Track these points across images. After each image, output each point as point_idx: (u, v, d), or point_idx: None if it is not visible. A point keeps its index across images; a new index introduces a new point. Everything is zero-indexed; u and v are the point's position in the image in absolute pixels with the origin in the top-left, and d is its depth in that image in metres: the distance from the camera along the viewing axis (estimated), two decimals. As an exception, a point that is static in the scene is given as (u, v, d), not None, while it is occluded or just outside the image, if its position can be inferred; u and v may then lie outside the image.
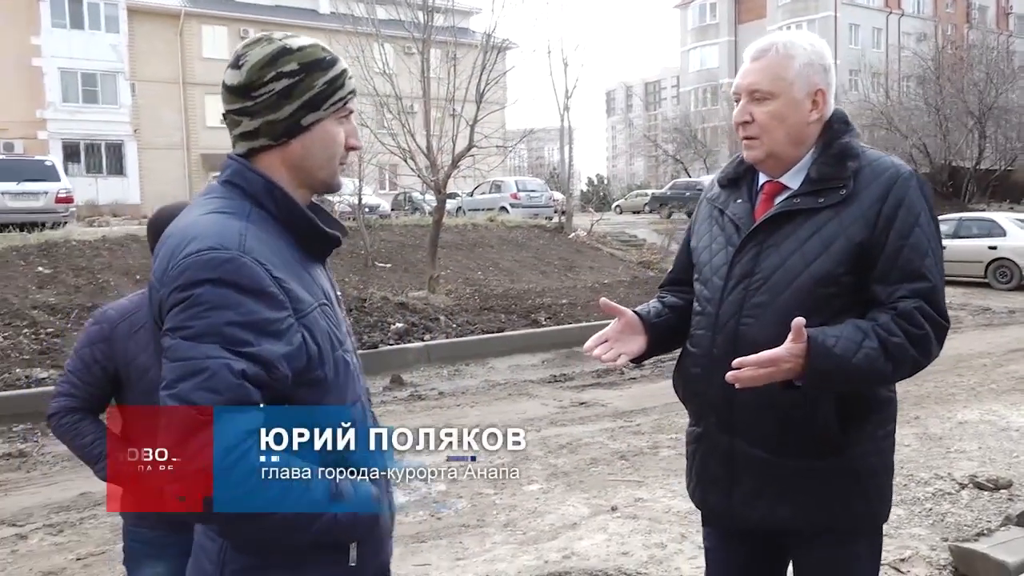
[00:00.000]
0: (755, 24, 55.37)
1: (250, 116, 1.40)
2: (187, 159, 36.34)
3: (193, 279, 1.25)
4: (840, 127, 1.85)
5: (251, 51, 1.41)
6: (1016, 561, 3.55)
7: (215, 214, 1.35)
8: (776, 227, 1.81)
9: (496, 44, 14.55)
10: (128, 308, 2.29)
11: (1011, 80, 33.34)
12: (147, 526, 2.27)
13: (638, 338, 1.94)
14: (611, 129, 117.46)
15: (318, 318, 1.37)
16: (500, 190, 25.17)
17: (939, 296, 1.73)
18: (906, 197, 1.75)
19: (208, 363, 1.22)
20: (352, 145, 1.49)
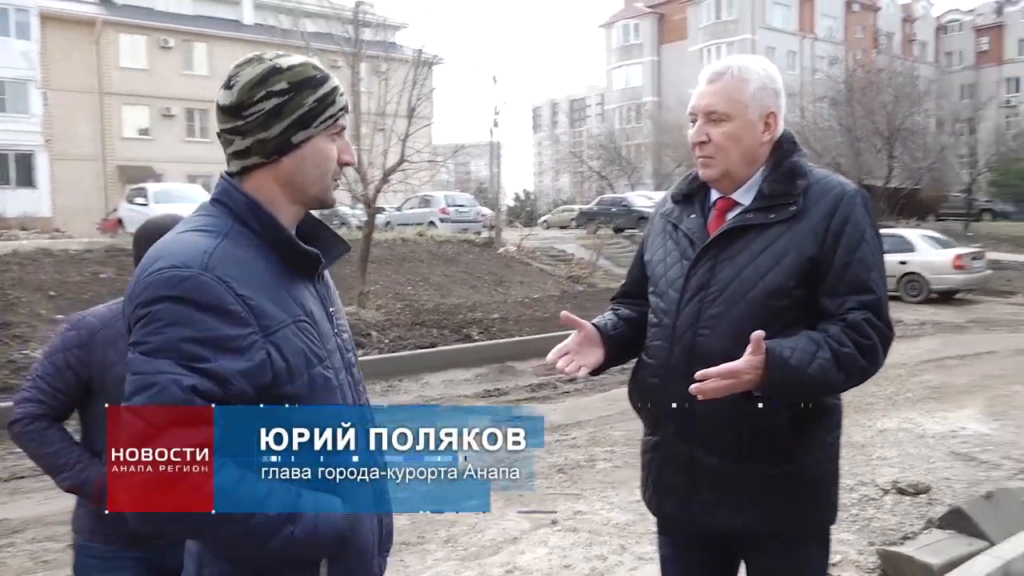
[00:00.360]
0: (677, 45, 56.91)
1: (242, 135, 1.43)
2: (103, 170, 35.08)
3: (153, 296, 1.29)
4: (789, 147, 1.93)
5: (242, 71, 1.44)
6: (940, 562, 3.71)
7: (191, 232, 1.38)
8: (730, 241, 1.88)
9: (427, 60, 14.59)
10: (108, 316, 2.24)
11: (917, 103, 35.05)
12: (100, 541, 2.22)
13: (596, 350, 1.99)
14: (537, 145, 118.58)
15: (290, 335, 1.37)
16: (429, 205, 25.10)
17: (884, 307, 1.82)
18: (852, 214, 1.83)
19: (159, 378, 1.25)
20: (345, 161, 1.50)
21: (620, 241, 23.64)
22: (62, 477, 2.18)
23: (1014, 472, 5.52)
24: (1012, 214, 43.44)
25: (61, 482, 2.20)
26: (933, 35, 66.21)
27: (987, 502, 4.22)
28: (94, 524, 2.22)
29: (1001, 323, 13.31)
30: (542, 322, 12.13)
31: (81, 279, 12.03)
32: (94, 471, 2.16)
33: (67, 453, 2.18)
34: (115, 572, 2.22)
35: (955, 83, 47.52)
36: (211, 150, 33.40)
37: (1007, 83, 59.94)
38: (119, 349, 2.15)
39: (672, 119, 47.74)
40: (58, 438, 2.19)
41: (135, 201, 20.66)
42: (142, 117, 36.22)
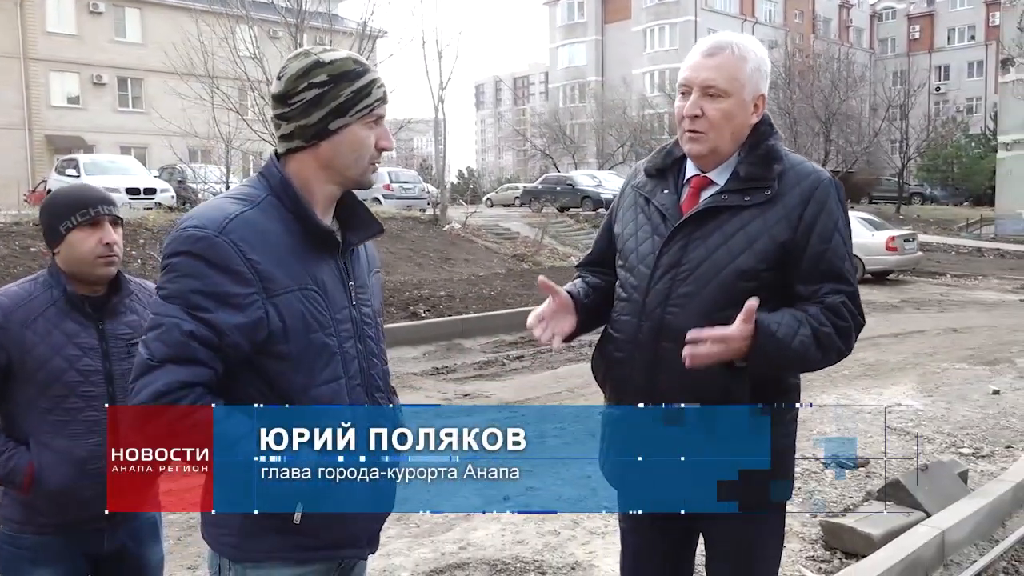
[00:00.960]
0: (621, 24, 57.08)
1: (287, 121, 1.60)
2: (28, 140, 33.61)
3: (174, 249, 1.50)
4: (766, 129, 1.94)
5: (290, 64, 1.62)
6: (880, 532, 3.86)
7: (225, 198, 1.59)
8: (704, 221, 1.88)
9: (371, 33, 14.34)
10: (21, 295, 2.11)
11: (853, 88, 35.93)
12: (31, 531, 2.11)
13: (569, 317, 1.99)
14: (480, 123, 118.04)
15: (293, 300, 1.53)
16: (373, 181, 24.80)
17: (857, 297, 1.87)
18: (827, 203, 1.85)
19: (166, 320, 1.47)
20: (383, 146, 1.65)
21: (565, 220, 23.75)
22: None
23: (946, 446, 5.76)
24: (940, 198, 45.04)
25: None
26: (868, 22, 67.84)
27: (922, 474, 4.38)
28: (23, 514, 2.12)
29: (931, 303, 13.82)
30: (489, 300, 12.14)
31: (10, 253, 11.57)
32: (22, 459, 2.06)
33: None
34: (48, 563, 2.12)
35: (888, 69, 48.77)
36: (145, 120, 32.45)
37: (937, 70, 61.83)
38: (38, 330, 2.06)
39: (616, 99, 48.08)
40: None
41: (66, 172, 19.88)
42: (71, 84, 34.78)
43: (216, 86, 14.47)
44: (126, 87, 35.80)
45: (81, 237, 2.11)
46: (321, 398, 1.55)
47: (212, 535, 1.62)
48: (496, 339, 10.30)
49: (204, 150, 21.89)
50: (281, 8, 13.45)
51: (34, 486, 2.06)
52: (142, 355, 1.46)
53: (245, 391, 1.52)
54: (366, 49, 13.82)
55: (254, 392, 1.53)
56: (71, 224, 2.10)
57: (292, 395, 1.53)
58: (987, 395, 7.24)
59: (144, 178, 19.45)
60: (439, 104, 19.53)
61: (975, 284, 17.20)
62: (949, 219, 34.22)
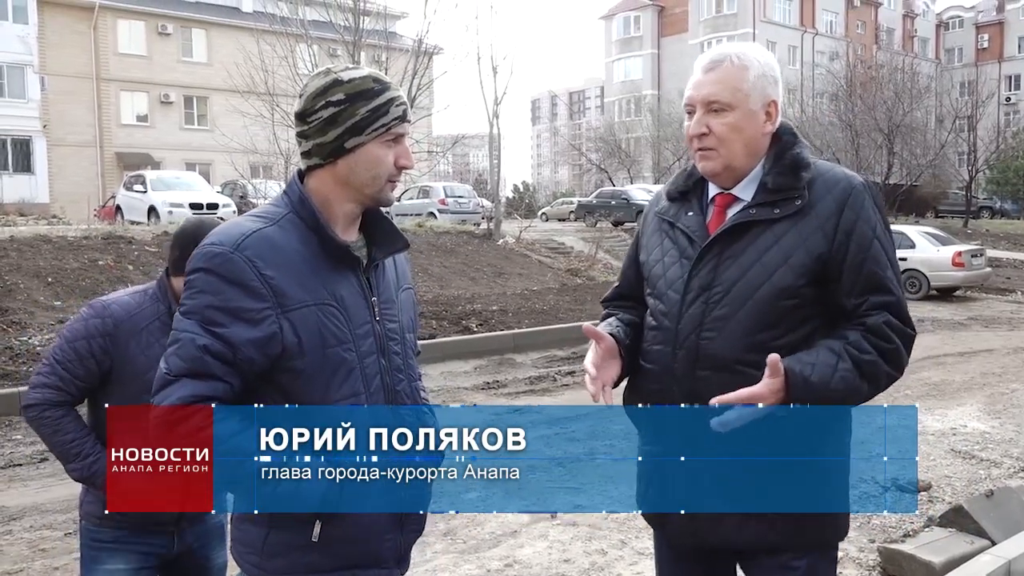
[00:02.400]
0: (677, 38, 56.76)
1: (306, 139, 1.63)
2: (100, 157, 34.92)
3: (193, 267, 1.54)
4: (789, 138, 1.85)
5: (311, 83, 1.64)
6: (941, 560, 3.71)
7: (246, 217, 1.63)
8: (734, 239, 1.79)
9: (427, 50, 14.53)
10: (132, 305, 2.23)
11: (917, 99, 35.06)
12: (109, 526, 2.23)
13: (615, 363, 1.89)
14: (536, 137, 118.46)
15: (309, 315, 1.54)
16: (428, 196, 25.02)
17: (903, 307, 1.75)
18: (862, 209, 1.75)
19: (183, 335, 1.50)
20: (403, 165, 1.65)
21: (619, 234, 23.61)
22: (73, 467, 2.19)
23: (1014, 470, 5.53)
24: (1011, 212, 43.51)
25: (72, 471, 2.20)
26: (934, 31, 66.13)
27: (988, 500, 4.22)
28: (103, 510, 2.22)
29: (1000, 320, 13.33)
30: (541, 314, 12.11)
31: (79, 266, 11.97)
32: (104, 464, 2.17)
33: (81, 443, 2.19)
34: (122, 558, 2.24)
35: (955, 80, 47.45)
36: (209, 138, 33.34)
37: (1007, 80, 59.93)
38: (140, 341, 2.18)
39: (672, 112, 47.73)
40: (74, 427, 2.20)
41: (133, 188, 20.54)
42: (140, 103, 36.05)
43: (276, 103, 14.83)
44: (192, 105, 36.95)
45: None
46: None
47: (238, 553, 1.63)
48: (548, 354, 10.26)
49: (265, 166, 22.40)
50: (340, 27, 13.71)
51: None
52: (161, 369, 1.50)
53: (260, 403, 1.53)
54: (422, 66, 13.99)
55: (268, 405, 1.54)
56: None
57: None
58: (1059, 418, 6.94)
59: (207, 193, 19.98)
60: (494, 119, 19.64)
61: (1048, 301, 16.54)
62: (1020, 234, 32.95)
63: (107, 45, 34.86)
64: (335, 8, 14.05)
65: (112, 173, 34.44)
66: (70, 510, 4.87)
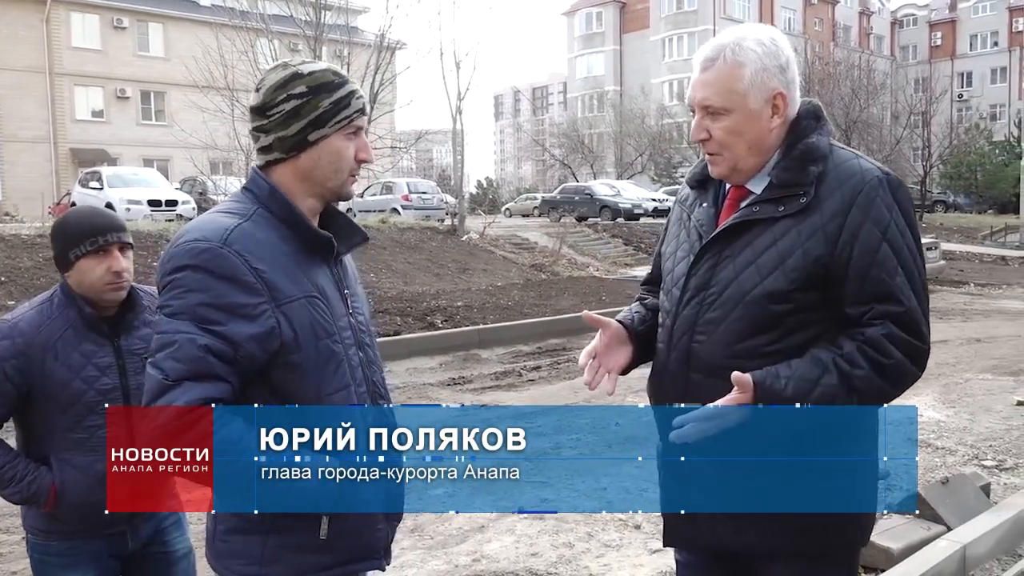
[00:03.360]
0: (639, 34, 57.15)
1: (265, 133, 1.60)
2: (54, 153, 34.13)
3: (177, 265, 1.48)
4: (808, 124, 1.72)
5: (268, 76, 1.62)
6: (900, 546, 3.80)
7: (218, 213, 1.57)
8: (735, 237, 1.70)
9: (389, 45, 14.44)
10: (39, 319, 2.14)
11: (873, 96, 35.70)
12: (56, 539, 2.16)
13: (624, 349, 1.84)
14: (499, 133, 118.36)
15: (300, 309, 1.52)
16: (391, 192, 24.87)
17: (914, 317, 1.61)
18: (872, 207, 1.61)
19: (177, 337, 1.44)
20: (362, 158, 1.65)
21: (583, 230, 23.70)
22: (11, 492, 2.11)
23: (968, 458, 5.67)
24: (964, 206, 44.53)
25: (10, 497, 2.12)
26: (889, 29, 67.41)
27: (943, 487, 4.31)
28: (48, 524, 2.17)
29: (954, 312, 13.63)
30: (506, 310, 12.13)
31: (33, 265, 11.72)
32: (45, 482, 2.10)
33: (12, 467, 2.10)
34: (75, 567, 2.17)
35: (910, 77, 48.47)
36: (166, 133, 32.73)
37: (959, 77, 61.30)
38: (58, 353, 2.09)
39: (634, 108, 48.06)
40: (0, 453, 2.11)
41: (89, 185, 20.15)
42: (95, 98, 35.30)
43: (236, 99, 14.62)
44: (149, 101, 36.29)
45: (90, 265, 2.13)
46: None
47: (227, 567, 1.57)
48: (513, 349, 10.28)
49: (225, 162, 22.08)
50: (301, 21, 13.58)
51: (58, 503, 2.10)
52: (155, 376, 1.42)
53: (254, 403, 1.48)
54: (384, 61, 13.90)
55: (263, 404, 1.49)
56: (80, 252, 2.13)
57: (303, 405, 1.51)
58: (1011, 406, 7.12)
59: (166, 190, 19.68)
60: (457, 115, 19.59)
61: (999, 293, 16.97)
62: (973, 227, 33.80)
63: (60, 39, 34.04)
64: (296, 2, 13.90)
65: (66, 170, 33.70)
66: (28, 514, 4.77)
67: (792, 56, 1.73)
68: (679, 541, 1.85)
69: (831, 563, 1.75)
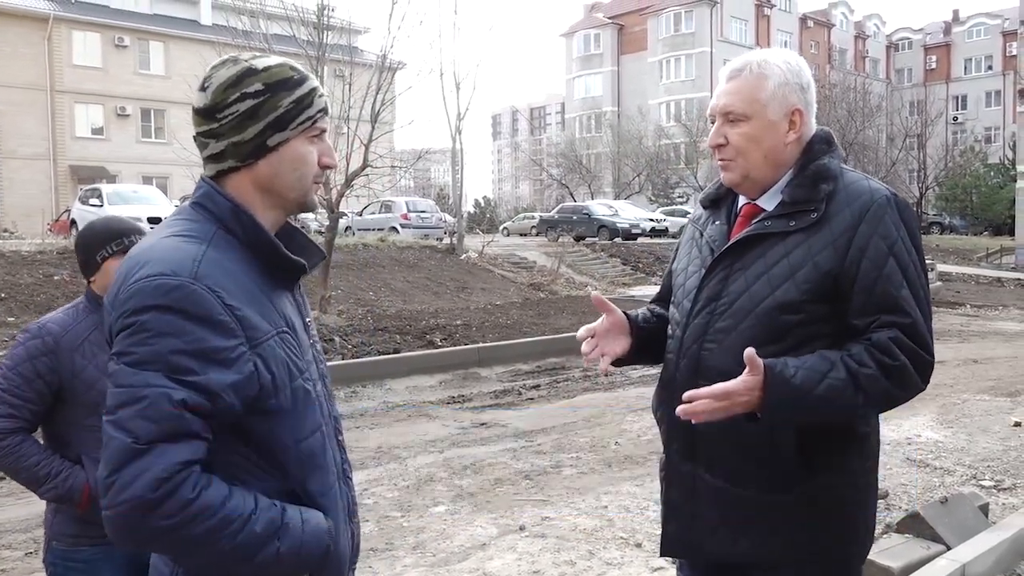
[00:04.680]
0: (636, 56, 57.60)
1: (216, 138, 1.38)
2: (53, 170, 34.25)
3: (140, 305, 1.24)
4: (820, 147, 1.79)
5: (217, 72, 1.40)
6: (899, 565, 3.82)
7: (174, 238, 1.33)
8: (746, 250, 1.76)
9: (391, 65, 14.55)
10: (68, 321, 2.23)
11: (869, 118, 35.97)
12: (86, 544, 2.20)
13: (623, 339, 1.90)
14: (497, 152, 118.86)
15: (275, 347, 1.34)
16: (390, 210, 24.99)
17: (920, 330, 1.65)
18: (880, 224, 1.68)
19: (147, 391, 1.21)
20: (326, 164, 1.46)
21: (581, 249, 23.79)
22: (45, 489, 2.17)
23: (966, 478, 5.69)
24: (959, 227, 44.77)
25: (44, 494, 2.18)
26: (884, 52, 68.06)
27: (942, 507, 4.33)
28: (78, 528, 2.21)
29: (951, 333, 13.68)
30: (505, 328, 12.15)
31: (33, 281, 11.74)
32: (80, 478, 2.17)
33: (48, 464, 2.17)
34: (97, 574, 2.20)
35: (905, 99, 48.81)
36: (166, 151, 32.85)
37: (954, 100, 61.85)
38: (84, 353, 2.18)
39: (631, 129, 48.32)
40: (35, 450, 2.18)
41: (89, 202, 20.18)
42: (96, 116, 35.49)
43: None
44: (149, 118, 36.49)
45: (116, 266, 2.20)
46: (310, 450, 1.39)
47: None
48: (513, 368, 10.30)
49: (224, 180, 22.13)
50: (303, 41, 13.66)
51: (91, 502, 2.14)
52: (120, 439, 1.20)
53: (226, 459, 1.30)
54: (385, 81, 13.99)
55: (237, 459, 1.32)
56: (107, 253, 2.23)
57: (279, 454, 1.35)
58: (1008, 427, 7.15)
59: (165, 207, 19.67)
60: (456, 134, 19.71)
61: (995, 314, 17.03)
62: (969, 249, 33.97)
63: (61, 56, 34.29)
64: (298, 23, 14.00)
65: (66, 186, 33.81)
66: (29, 530, 4.78)
67: (812, 82, 1.81)
68: (677, 550, 1.88)
69: (824, 572, 1.77)
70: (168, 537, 1.21)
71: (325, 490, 1.42)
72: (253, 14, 15.32)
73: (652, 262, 22.65)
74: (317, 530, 1.35)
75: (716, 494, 1.76)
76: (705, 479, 1.78)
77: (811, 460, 1.70)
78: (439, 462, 6.18)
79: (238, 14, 15.48)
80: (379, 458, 6.27)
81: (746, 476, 1.73)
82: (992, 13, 62.75)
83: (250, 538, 1.25)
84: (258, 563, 1.27)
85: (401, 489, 5.52)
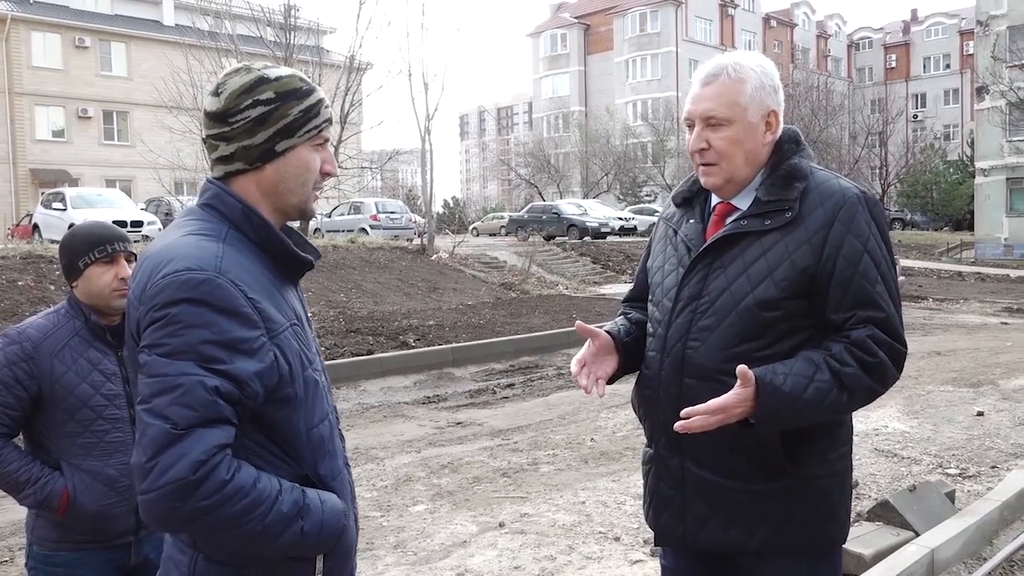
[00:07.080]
0: (603, 56, 57.90)
1: (226, 141, 1.46)
2: (13, 174, 33.58)
3: (171, 298, 1.32)
4: (790, 147, 1.85)
5: (230, 79, 1.48)
6: (870, 552, 3.92)
7: (192, 236, 1.41)
8: (724, 249, 1.80)
9: (359, 66, 14.52)
10: (48, 326, 2.23)
11: (832, 116, 36.55)
12: (66, 548, 2.21)
13: (610, 359, 1.94)
14: (465, 152, 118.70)
15: (290, 338, 1.43)
16: (360, 211, 24.84)
17: (893, 323, 1.73)
18: (853, 222, 1.73)
19: (183, 379, 1.28)
20: (327, 171, 1.54)
21: (551, 248, 23.88)
22: (25, 494, 2.17)
23: (933, 466, 5.84)
24: (921, 223, 45.61)
25: (24, 499, 2.18)
26: (846, 51, 69.10)
27: (911, 495, 4.45)
28: (58, 533, 2.22)
29: (914, 327, 13.95)
30: (478, 328, 12.18)
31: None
32: (59, 484, 2.17)
33: (28, 470, 2.17)
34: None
35: (867, 98, 49.68)
36: (129, 153, 32.45)
37: (914, 98, 63.01)
38: (64, 359, 2.19)
39: (599, 128, 48.60)
40: (15, 456, 2.18)
41: (52, 206, 19.83)
42: (56, 118, 34.85)
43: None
44: (111, 120, 35.90)
45: (98, 272, 2.25)
46: (320, 437, 1.49)
47: None
48: (486, 367, 10.33)
49: (191, 182, 21.93)
50: (270, 42, 13.60)
51: (70, 508, 2.16)
52: (158, 425, 1.26)
53: (243, 444, 1.37)
54: (354, 82, 13.97)
55: (253, 444, 1.39)
56: (89, 260, 2.24)
57: (293, 440, 1.44)
58: (971, 416, 7.34)
59: (131, 211, 19.44)
60: (426, 135, 19.69)
61: (957, 308, 17.40)
62: (930, 244, 34.64)
63: (20, 58, 33.63)
64: (264, 23, 13.93)
65: (26, 190, 33.17)
66: (4, 537, 4.72)
67: (780, 84, 1.87)
68: (671, 541, 1.94)
69: (816, 561, 1.84)
70: (204, 518, 1.27)
71: (335, 474, 1.51)
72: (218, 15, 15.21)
73: (622, 260, 22.80)
74: (335, 510, 1.43)
75: (705, 486, 1.82)
76: (693, 472, 1.83)
77: (793, 449, 1.76)
78: (417, 462, 6.20)
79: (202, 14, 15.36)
80: (356, 459, 6.27)
81: (732, 468, 1.79)
82: (950, 13, 64.08)
83: (277, 518, 1.33)
84: (283, 542, 1.35)
85: (380, 489, 5.53)
